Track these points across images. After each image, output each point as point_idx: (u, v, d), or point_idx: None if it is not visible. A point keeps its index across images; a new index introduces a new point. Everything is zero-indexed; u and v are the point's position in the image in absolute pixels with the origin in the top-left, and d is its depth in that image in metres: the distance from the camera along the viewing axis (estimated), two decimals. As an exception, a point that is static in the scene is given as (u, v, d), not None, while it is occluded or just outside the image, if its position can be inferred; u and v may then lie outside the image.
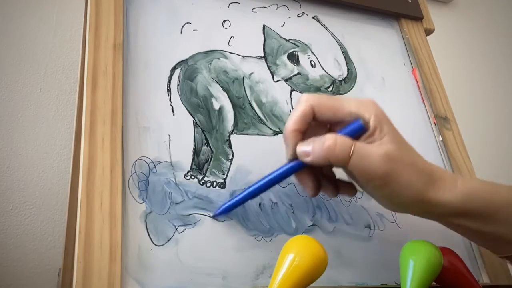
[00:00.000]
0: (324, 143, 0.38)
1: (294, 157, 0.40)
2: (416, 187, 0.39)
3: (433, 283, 0.38)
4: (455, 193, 0.40)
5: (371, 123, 0.39)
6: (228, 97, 0.47)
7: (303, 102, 0.40)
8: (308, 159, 0.39)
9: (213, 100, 0.47)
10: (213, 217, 0.42)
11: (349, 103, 0.40)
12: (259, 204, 0.44)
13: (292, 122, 0.40)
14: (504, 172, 0.98)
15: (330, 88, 0.53)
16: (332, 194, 0.43)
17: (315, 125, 0.41)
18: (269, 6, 0.55)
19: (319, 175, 0.42)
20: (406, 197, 0.39)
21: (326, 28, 0.58)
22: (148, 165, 0.41)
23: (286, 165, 0.40)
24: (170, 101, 0.45)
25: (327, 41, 0.57)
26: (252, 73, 0.50)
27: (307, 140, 0.39)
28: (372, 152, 0.38)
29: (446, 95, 0.60)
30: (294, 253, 0.34)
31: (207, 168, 0.43)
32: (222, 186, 0.43)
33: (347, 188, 0.43)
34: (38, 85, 0.67)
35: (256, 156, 0.46)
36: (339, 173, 0.43)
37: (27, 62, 0.67)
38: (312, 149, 0.38)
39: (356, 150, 0.37)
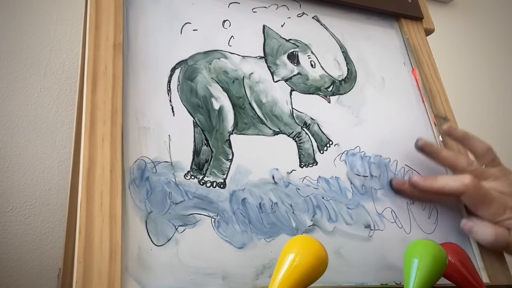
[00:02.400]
0: (487, 237, 0.48)
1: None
2: None
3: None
4: None
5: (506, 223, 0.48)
6: (228, 97, 0.47)
7: (462, 185, 0.47)
8: (469, 234, 0.50)
9: (213, 100, 0.47)
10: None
11: (487, 209, 0.48)
12: (259, 204, 0.44)
13: (438, 188, 0.48)
14: (504, 172, 0.98)
15: (330, 88, 0.53)
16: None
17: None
18: (269, 6, 0.55)
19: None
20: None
21: (326, 28, 0.58)
22: (148, 165, 0.41)
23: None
24: (170, 101, 0.45)
25: (327, 41, 0.57)
26: (252, 73, 0.50)
27: (472, 219, 0.49)
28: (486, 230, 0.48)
29: (446, 95, 0.60)
30: (295, 253, 0.34)
31: (207, 168, 0.43)
32: (222, 186, 0.43)
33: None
34: (38, 85, 0.67)
35: (256, 156, 0.46)
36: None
37: (27, 62, 0.67)
38: (475, 231, 0.49)
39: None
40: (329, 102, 0.53)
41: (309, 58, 0.54)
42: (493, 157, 0.53)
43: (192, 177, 0.42)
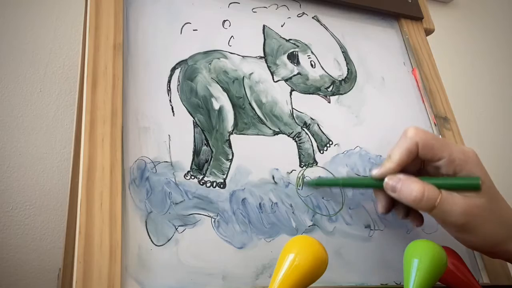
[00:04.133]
0: (412, 192, 0.40)
1: (381, 178, 0.43)
2: (495, 239, 0.42)
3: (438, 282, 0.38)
4: None
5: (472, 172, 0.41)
6: (228, 97, 0.47)
7: (410, 139, 0.42)
8: (392, 195, 0.42)
9: (213, 100, 0.47)
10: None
11: (452, 151, 0.42)
12: (259, 204, 0.44)
13: (397, 159, 0.42)
14: (504, 172, 0.98)
15: (330, 88, 0.53)
16: (402, 216, 0.45)
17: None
18: (269, 6, 0.55)
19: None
20: (482, 245, 0.42)
21: (326, 28, 0.58)
22: (148, 165, 0.41)
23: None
24: (170, 101, 0.45)
25: (327, 41, 0.57)
26: (252, 73, 0.50)
27: (397, 175, 0.42)
28: (454, 207, 0.40)
29: (446, 95, 0.60)
30: (295, 253, 0.34)
31: (207, 168, 0.43)
32: (222, 186, 0.43)
33: (417, 217, 0.45)
34: (38, 85, 0.67)
35: (256, 156, 0.46)
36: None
37: (27, 62, 0.67)
38: (399, 189, 0.41)
39: (440, 204, 0.40)
40: (329, 102, 0.53)
41: (309, 58, 0.54)
42: None
43: (192, 177, 0.42)
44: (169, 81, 0.46)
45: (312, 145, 0.49)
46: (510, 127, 1.06)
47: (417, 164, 0.45)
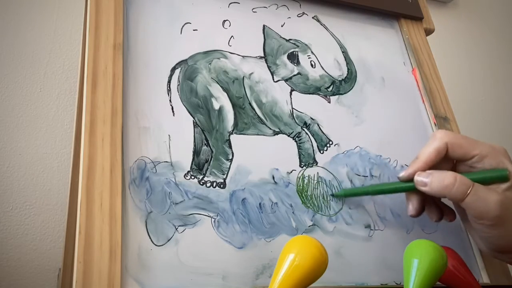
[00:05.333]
0: (444, 180, 0.41)
1: (410, 179, 0.43)
2: None
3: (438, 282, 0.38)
4: None
5: (505, 165, 0.42)
6: (228, 97, 0.47)
7: (439, 139, 0.43)
8: (424, 189, 0.42)
9: (213, 100, 0.47)
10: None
11: (482, 148, 0.43)
12: (259, 204, 0.44)
13: (425, 157, 0.43)
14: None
15: (330, 88, 0.53)
16: (436, 218, 0.46)
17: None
18: (269, 6, 0.55)
19: (426, 197, 0.44)
20: (507, 245, 0.42)
21: (326, 28, 0.58)
22: (148, 165, 0.41)
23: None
24: (170, 101, 0.45)
25: (327, 41, 0.57)
26: (252, 73, 0.50)
27: (427, 171, 0.42)
28: (488, 196, 0.40)
29: (446, 95, 0.60)
30: (295, 253, 0.34)
31: (207, 168, 0.43)
32: (222, 186, 0.43)
33: (450, 214, 0.46)
34: (38, 85, 0.67)
35: (256, 156, 0.46)
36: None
37: (27, 62, 0.67)
38: (430, 181, 0.42)
39: (473, 192, 0.40)
40: (329, 102, 0.53)
41: (309, 58, 0.54)
42: None
43: (192, 177, 0.42)
44: (169, 81, 0.46)
45: (312, 145, 0.49)
46: (510, 127, 1.06)
47: (448, 166, 0.45)
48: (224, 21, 0.52)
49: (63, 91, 0.68)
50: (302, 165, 0.47)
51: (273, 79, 0.51)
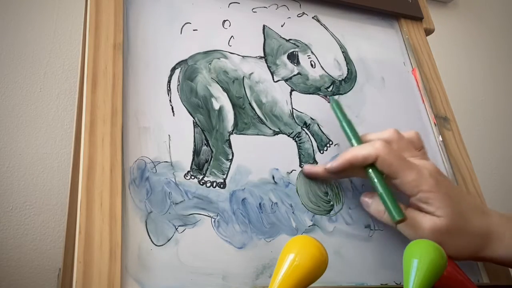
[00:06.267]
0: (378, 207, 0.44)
1: (339, 169, 0.44)
2: (467, 251, 0.43)
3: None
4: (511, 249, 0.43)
5: (426, 195, 0.42)
6: (228, 97, 0.47)
7: (373, 148, 0.42)
8: (368, 210, 0.46)
9: (213, 100, 0.47)
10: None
11: (408, 174, 0.42)
12: (259, 204, 0.44)
13: (352, 158, 0.43)
14: (504, 171, 0.98)
15: (330, 88, 0.53)
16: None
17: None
18: (269, 6, 0.55)
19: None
20: (456, 257, 0.43)
21: (326, 28, 0.58)
22: (148, 165, 0.41)
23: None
24: (170, 101, 0.45)
25: (327, 41, 0.57)
26: (252, 73, 0.50)
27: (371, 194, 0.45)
28: (422, 224, 0.42)
29: (446, 95, 0.60)
30: (295, 253, 0.34)
31: (207, 168, 0.43)
32: (222, 186, 0.43)
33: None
34: (38, 85, 0.67)
35: (256, 156, 0.46)
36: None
37: (27, 62, 0.67)
38: (371, 203, 0.45)
39: (409, 220, 0.42)
40: (329, 102, 0.53)
41: (309, 58, 0.54)
42: (422, 145, 0.48)
43: (192, 177, 0.42)
44: (169, 81, 0.46)
45: (312, 145, 0.49)
46: (510, 127, 1.06)
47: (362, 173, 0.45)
48: (224, 21, 0.52)
49: (63, 91, 0.68)
50: (302, 165, 0.47)
51: (273, 79, 0.51)
